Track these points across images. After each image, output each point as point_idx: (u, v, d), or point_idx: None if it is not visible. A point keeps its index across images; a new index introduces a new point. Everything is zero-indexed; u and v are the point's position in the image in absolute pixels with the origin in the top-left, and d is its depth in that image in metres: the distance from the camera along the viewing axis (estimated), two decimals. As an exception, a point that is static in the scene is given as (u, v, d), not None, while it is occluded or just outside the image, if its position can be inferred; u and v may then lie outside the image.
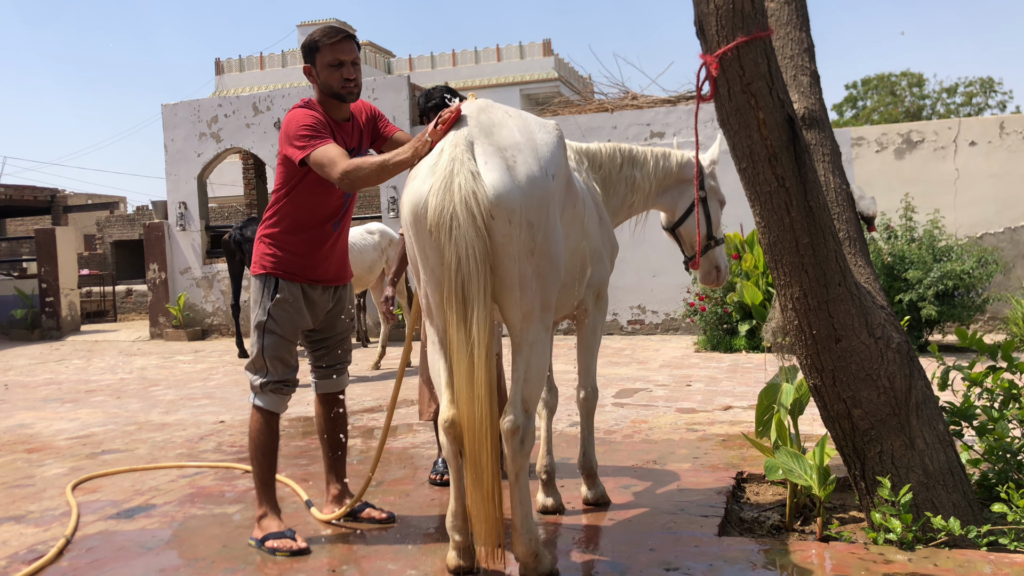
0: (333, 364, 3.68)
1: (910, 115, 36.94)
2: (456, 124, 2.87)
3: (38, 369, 9.99)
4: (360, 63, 3.40)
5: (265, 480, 3.47)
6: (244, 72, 35.81)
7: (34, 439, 5.83)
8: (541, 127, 2.98)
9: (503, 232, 2.69)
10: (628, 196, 3.95)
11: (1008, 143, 9.97)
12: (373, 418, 6.07)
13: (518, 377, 2.82)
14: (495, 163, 2.74)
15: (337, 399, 3.70)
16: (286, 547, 3.27)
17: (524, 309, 2.78)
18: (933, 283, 8.06)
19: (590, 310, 3.66)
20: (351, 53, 3.34)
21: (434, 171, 2.75)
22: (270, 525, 3.38)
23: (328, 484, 3.74)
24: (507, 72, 33.95)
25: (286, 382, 3.46)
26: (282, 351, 3.43)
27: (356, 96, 3.40)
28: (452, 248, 2.66)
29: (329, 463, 3.73)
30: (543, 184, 2.79)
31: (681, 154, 4.07)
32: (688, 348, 9.52)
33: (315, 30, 3.40)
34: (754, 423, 3.79)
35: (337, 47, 3.32)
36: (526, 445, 2.81)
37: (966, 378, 3.56)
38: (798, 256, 3.06)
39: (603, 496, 3.79)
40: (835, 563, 2.97)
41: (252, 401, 3.48)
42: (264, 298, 3.42)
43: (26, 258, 18.86)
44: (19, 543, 3.59)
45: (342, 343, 3.70)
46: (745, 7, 2.85)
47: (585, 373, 3.73)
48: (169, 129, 13.08)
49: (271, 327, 3.41)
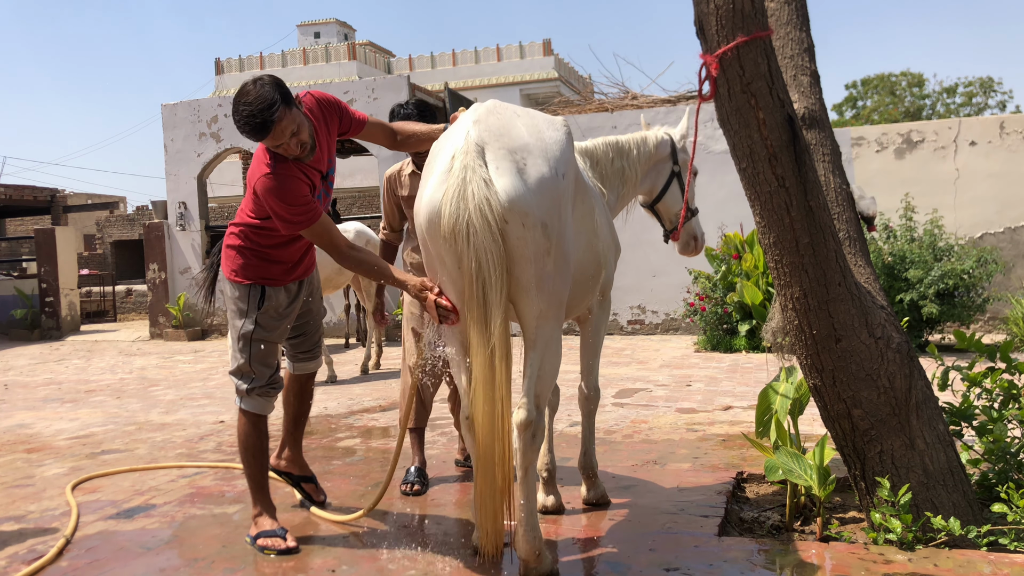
0: (309, 350, 3.82)
1: (910, 115, 36.94)
2: (465, 125, 2.89)
3: (38, 369, 9.98)
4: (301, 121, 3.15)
5: (257, 480, 3.51)
6: (244, 72, 35.80)
7: (34, 439, 5.83)
8: (550, 125, 3.00)
9: (517, 235, 2.73)
10: (621, 188, 3.97)
11: (1008, 143, 9.97)
12: (373, 418, 6.07)
13: (531, 373, 2.87)
14: (506, 167, 2.77)
15: (309, 377, 3.86)
16: (275, 546, 3.33)
17: (540, 308, 2.83)
18: (934, 282, 8.05)
19: (594, 310, 3.69)
20: (286, 131, 3.09)
21: (447, 178, 2.78)
22: (263, 523, 3.44)
23: (284, 447, 3.90)
24: (507, 72, 33.94)
25: (272, 384, 3.51)
26: (268, 356, 3.49)
27: (311, 153, 3.23)
28: (471, 254, 2.70)
29: (289, 427, 3.89)
30: (554, 184, 2.82)
31: (654, 134, 4.09)
32: (688, 348, 9.52)
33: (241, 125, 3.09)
34: (754, 423, 3.79)
35: (272, 139, 3.11)
36: (537, 440, 2.86)
37: (965, 378, 3.56)
38: (798, 256, 3.06)
39: (603, 496, 3.79)
40: (835, 563, 2.97)
41: (238, 405, 3.51)
42: (250, 308, 3.42)
43: (26, 258, 18.85)
44: (19, 543, 3.59)
45: (316, 330, 3.83)
46: (745, 7, 2.85)
47: (588, 373, 3.76)
48: (169, 129, 13.07)
49: (259, 336, 3.44)
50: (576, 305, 3.39)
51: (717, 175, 9.46)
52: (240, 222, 3.44)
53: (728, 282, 9.17)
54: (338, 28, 43.80)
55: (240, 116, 3.07)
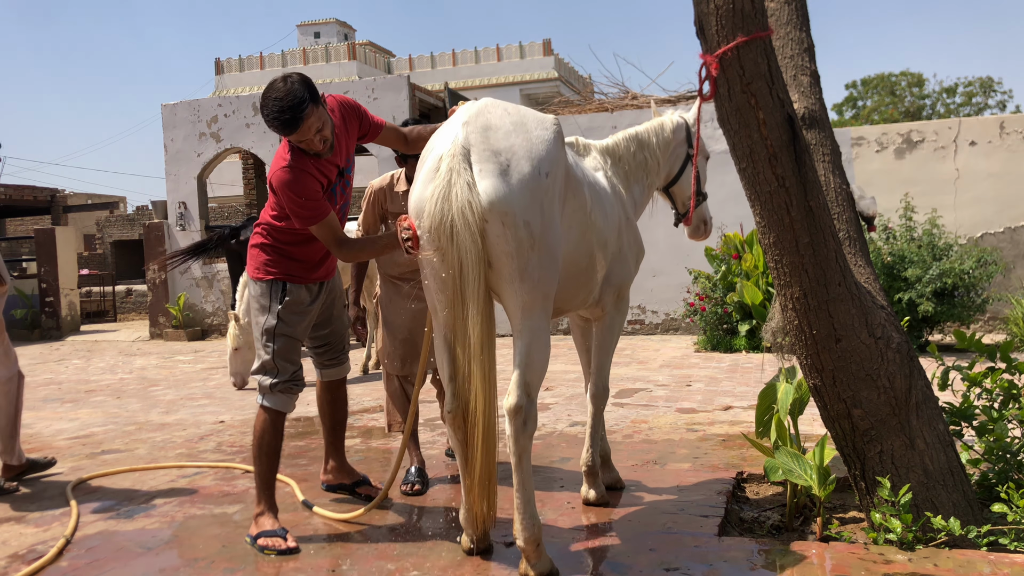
0: (335, 357, 3.94)
1: (910, 115, 36.96)
2: (455, 126, 2.99)
3: (38, 369, 9.98)
4: (326, 119, 3.30)
5: (266, 479, 3.53)
6: (244, 72, 35.81)
7: (34, 439, 5.83)
8: (539, 124, 3.06)
9: (497, 233, 2.85)
10: (646, 179, 4.00)
11: (1008, 143, 9.97)
12: (373, 418, 6.07)
13: (519, 362, 2.95)
14: (489, 169, 2.87)
15: (340, 383, 4.01)
16: (276, 546, 3.34)
17: (524, 300, 2.92)
18: (932, 280, 8.05)
19: (608, 309, 3.73)
20: (311, 128, 3.24)
21: (434, 179, 2.90)
22: (265, 523, 3.44)
23: (327, 456, 4.03)
24: (507, 72, 33.96)
25: (294, 381, 3.58)
26: (291, 352, 3.58)
27: (331, 150, 3.37)
28: (453, 252, 2.84)
29: (329, 439, 4.02)
30: (536, 183, 2.91)
31: (670, 119, 4.10)
32: (688, 348, 9.51)
33: (269, 120, 3.23)
34: (754, 423, 3.79)
35: (298, 135, 3.26)
36: (528, 427, 2.93)
37: (966, 378, 3.56)
38: (798, 256, 3.06)
39: (603, 496, 3.80)
40: (835, 563, 2.97)
41: (260, 402, 3.55)
42: (272, 303, 3.53)
43: (26, 258, 18.86)
44: (19, 543, 3.59)
45: (340, 339, 3.94)
46: (745, 7, 2.85)
47: (598, 370, 3.82)
48: (169, 129, 13.08)
49: (282, 330, 3.54)
50: (570, 298, 3.45)
51: (717, 175, 9.41)
52: (262, 221, 3.60)
53: (728, 282, 9.17)
54: (338, 28, 43.81)
55: (269, 111, 3.20)
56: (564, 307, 3.47)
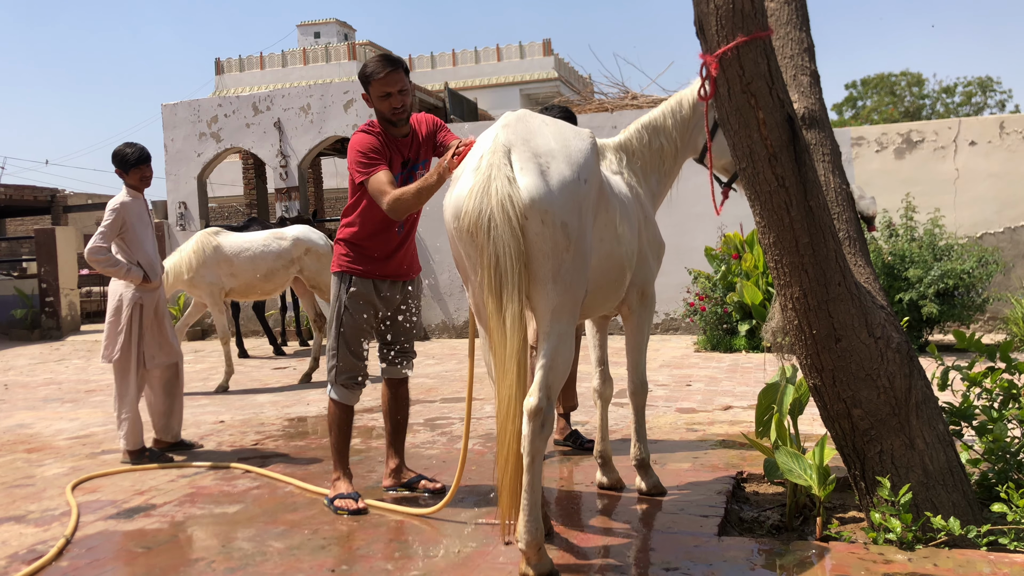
0: (400, 354, 4.12)
1: (909, 115, 36.96)
2: (495, 129, 3.05)
3: (38, 369, 9.99)
4: (409, 89, 3.77)
5: (340, 449, 3.95)
6: (244, 72, 35.83)
7: (34, 439, 5.84)
8: (576, 135, 3.12)
9: (536, 231, 2.84)
10: (662, 166, 3.96)
11: (1008, 143, 9.97)
12: (373, 418, 6.07)
13: (544, 364, 2.94)
14: (530, 167, 2.90)
15: (401, 383, 4.16)
16: (348, 507, 3.75)
17: (555, 303, 2.92)
18: (934, 281, 8.05)
19: (635, 308, 3.78)
20: (398, 83, 3.71)
21: (474, 176, 2.93)
22: (340, 487, 3.89)
23: (388, 458, 4.19)
24: (507, 72, 33.98)
25: (354, 376, 3.89)
26: (354, 341, 3.87)
27: (406, 120, 3.79)
28: (491, 247, 2.83)
29: (390, 439, 4.18)
30: (575, 187, 2.93)
31: (689, 93, 3.95)
32: (688, 348, 9.52)
33: (369, 61, 3.78)
34: (754, 423, 3.79)
35: (385, 80, 3.70)
36: (545, 430, 2.91)
37: (965, 378, 3.56)
38: (798, 256, 3.06)
39: (657, 485, 3.88)
40: (835, 563, 2.97)
41: (328, 394, 3.96)
42: (341, 292, 3.88)
43: (26, 258, 18.85)
44: (19, 543, 3.59)
45: (408, 338, 4.13)
46: (745, 7, 2.85)
47: (634, 368, 3.90)
48: (169, 129, 13.07)
49: (346, 318, 3.86)
50: (597, 307, 3.53)
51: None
52: (343, 217, 3.93)
53: (728, 282, 9.17)
54: (338, 28, 43.80)
55: (376, 58, 3.76)
56: (588, 314, 3.59)
